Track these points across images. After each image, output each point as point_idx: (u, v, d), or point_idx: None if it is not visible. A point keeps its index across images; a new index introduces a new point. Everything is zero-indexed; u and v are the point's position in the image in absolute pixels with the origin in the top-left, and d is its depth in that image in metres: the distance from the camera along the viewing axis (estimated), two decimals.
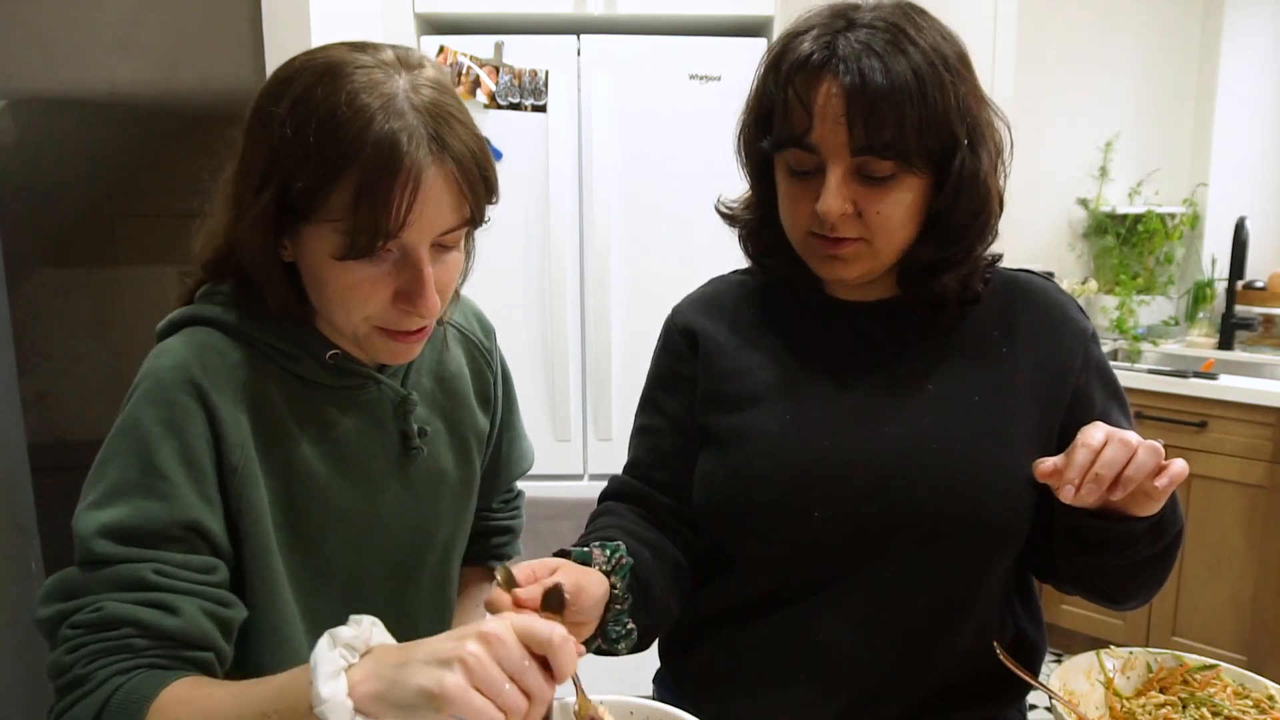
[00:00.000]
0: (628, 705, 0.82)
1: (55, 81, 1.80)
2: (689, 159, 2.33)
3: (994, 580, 0.90)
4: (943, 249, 0.86)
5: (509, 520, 1.15)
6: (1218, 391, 2.47)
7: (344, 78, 0.72)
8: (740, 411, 0.91)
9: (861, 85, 0.77)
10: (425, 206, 0.72)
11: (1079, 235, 3.32)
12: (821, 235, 0.84)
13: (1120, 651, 0.91)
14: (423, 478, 0.92)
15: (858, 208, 0.81)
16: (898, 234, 0.84)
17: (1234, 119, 3.13)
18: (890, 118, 0.78)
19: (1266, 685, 0.84)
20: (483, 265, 0.93)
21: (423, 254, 0.75)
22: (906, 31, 0.80)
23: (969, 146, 0.83)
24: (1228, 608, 2.51)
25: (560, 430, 2.44)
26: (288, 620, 0.82)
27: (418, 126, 0.71)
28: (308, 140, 0.70)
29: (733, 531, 0.91)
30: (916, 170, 0.81)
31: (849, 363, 0.90)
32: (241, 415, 0.78)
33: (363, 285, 0.75)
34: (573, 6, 2.35)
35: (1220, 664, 0.88)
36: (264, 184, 0.73)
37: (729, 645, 0.94)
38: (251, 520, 0.78)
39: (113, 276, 2.67)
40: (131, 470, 0.73)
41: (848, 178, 0.81)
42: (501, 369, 1.08)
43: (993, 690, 0.90)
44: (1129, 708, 0.86)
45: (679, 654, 1.02)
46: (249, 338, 0.81)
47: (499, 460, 1.10)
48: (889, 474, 0.85)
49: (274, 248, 0.77)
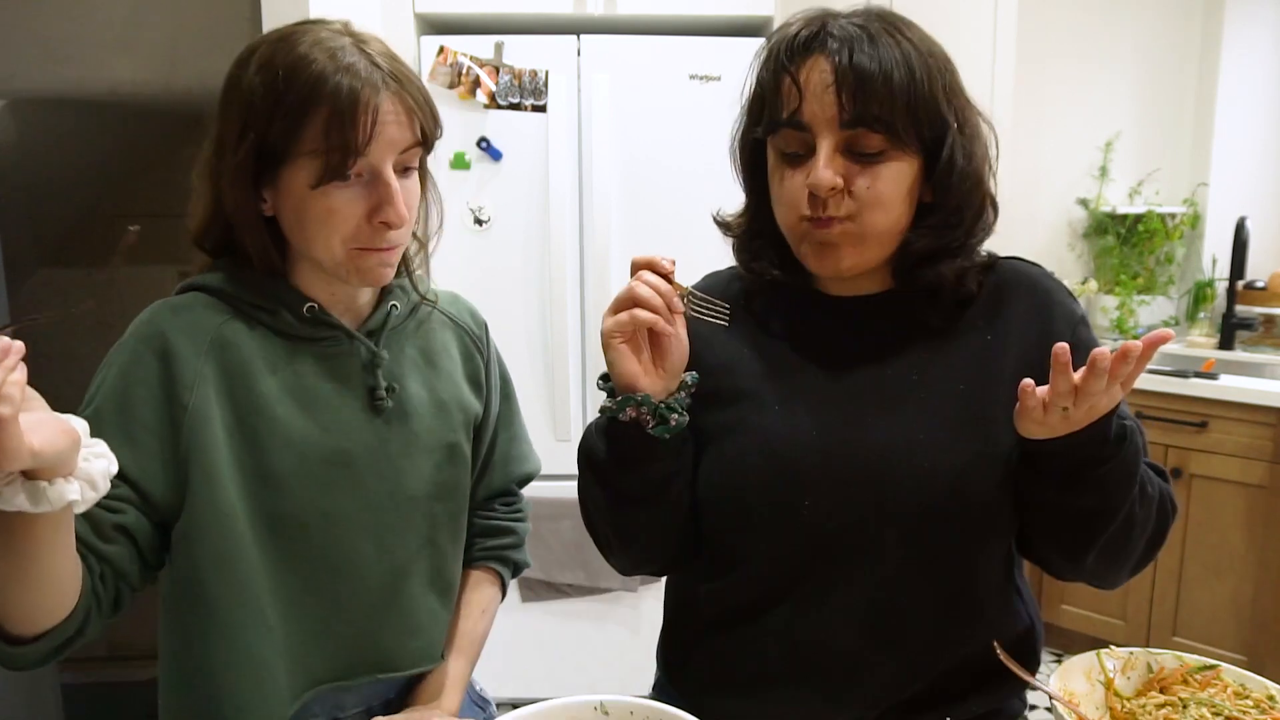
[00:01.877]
0: (628, 705, 0.82)
1: (55, 81, 1.80)
2: (689, 159, 2.33)
3: (990, 569, 0.91)
4: (939, 237, 0.86)
5: (511, 521, 1.15)
6: (1218, 391, 2.47)
7: (298, 37, 0.85)
8: (731, 405, 0.92)
9: (850, 60, 0.79)
10: (385, 126, 0.84)
11: (1079, 235, 3.32)
12: (813, 219, 0.84)
13: (1120, 651, 0.91)
14: (396, 434, 0.96)
15: (848, 184, 0.81)
16: (887, 214, 0.83)
17: (1234, 119, 3.13)
18: (879, 92, 0.79)
19: (1266, 685, 0.84)
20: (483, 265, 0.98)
21: (388, 170, 0.85)
22: (895, 24, 0.83)
23: (959, 131, 0.84)
24: (1228, 608, 2.51)
25: (560, 430, 2.44)
26: (240, 548, 0.88)
27: (367, 64, 0.84)
28: (277, 89, 0.82)
29: (728, 525, 0.92)
30: (907, 149, 0.82)
31: (838, 357, 0.91)
32: (206, 361, 0.87)
33: (340, 208, 0.85)
34: (573, 6, 2.35)
35: (1220, 664, 0.88)
36: (241, 137, 0.84)
37: (729, 646, 0.94)
38: (203, 453, 0.85)
39: (113, 276, 2.67)
40: (89, 405, 0.87)
41: (838, 152, 0.81)
42: (498, 363, 1.12)
43: (994, 681, 0.90)
44: (1129, 708, 0.86)
45: (678, 659, 1.02)
46: (232, 299, 0.91)
47: (496, 455, 1.11)
48: (875, 465, 0.86)
49: (255, 199, 0.87)
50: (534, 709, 0.88)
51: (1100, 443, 0.78)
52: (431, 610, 1.00)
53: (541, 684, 2.53)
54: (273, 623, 0.90)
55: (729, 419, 0.91)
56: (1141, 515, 0.84)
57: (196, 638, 0.88)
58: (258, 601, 0.88)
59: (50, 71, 1.79)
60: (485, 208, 2.37)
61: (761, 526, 0.89)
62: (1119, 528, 0.83)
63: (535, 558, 2.52)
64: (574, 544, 2.44)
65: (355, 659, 0.95)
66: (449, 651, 1.03)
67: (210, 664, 0.88)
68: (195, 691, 0.89)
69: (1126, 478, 0.81)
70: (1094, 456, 0.79)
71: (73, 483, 0.65)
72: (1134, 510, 0.83)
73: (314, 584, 0.92)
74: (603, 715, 0.85)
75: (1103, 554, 0.85)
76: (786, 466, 0.87)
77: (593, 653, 2.53)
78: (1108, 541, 0.84)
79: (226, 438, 0.87)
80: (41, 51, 1.77)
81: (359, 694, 0.98)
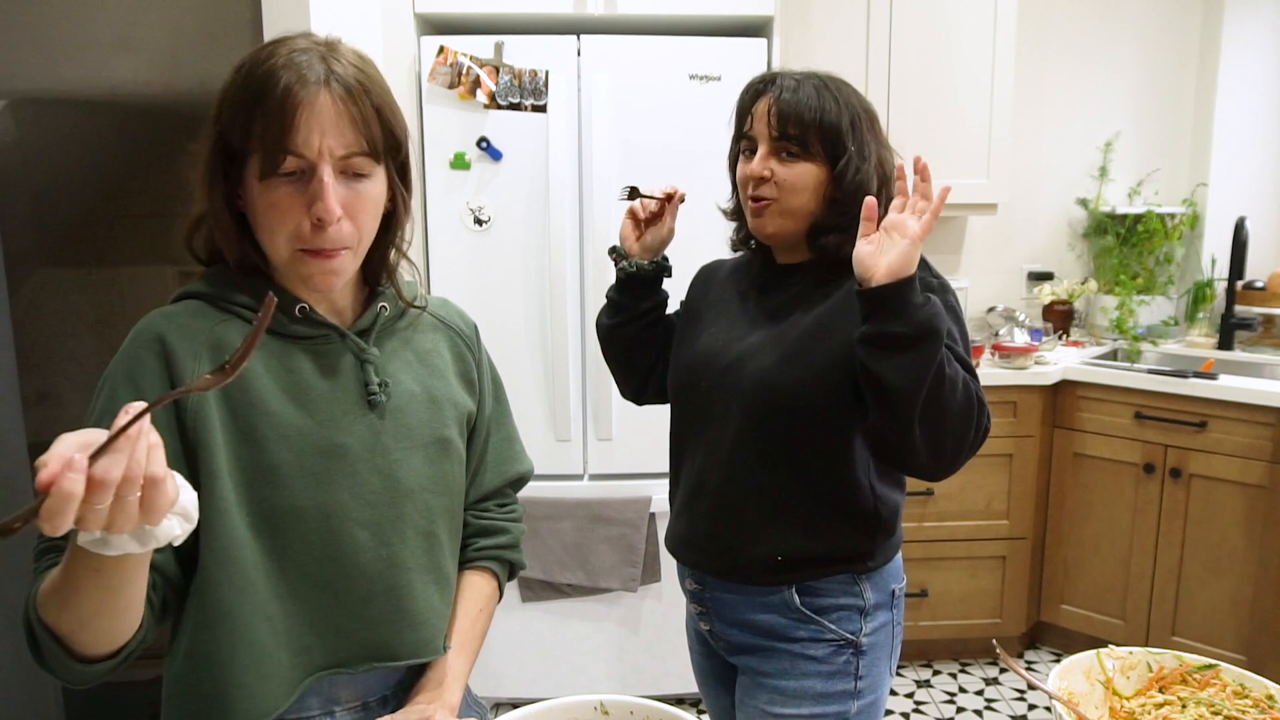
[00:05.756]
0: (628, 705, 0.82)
1: (55, 81, 1.80)
2: (689, 159, 2.33)
3: (824, 454, 1.22)
4: (833, 219, 1.24)
5: (506, 521, 1.15)
6: (1218, 391, 2.47)
7: (277, 44, 0.89)
8: (694, 325, 1.39)
9: (779, 98, 1.23)
10: (320, 123, 0.86)
11: (1079, 235, 3.32)
12: (750, 195, 1.27)
13: (1120, 651, 0.91)
14: (390, 428, 0.98)
15: (774, 175, 1.23)
16: (797, 197, 1.24)
17: (1234, 119, 3.13)
18: (794, 119, 1.22)
19: (1266, 685, 0.84)
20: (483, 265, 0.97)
21: (323, 170, 0.87)
22: (825, 82, 1.24)
23: (856, 153, 1.22)
24: (1228, 608, 2.51)
25: (560, 430, 2.44)
26: (237, 543, 0.90)
27: (322, 69, 0.87)
28: (239, 85, 0.87)
29: (669, 393, 1.41)
30: (814, 158, 1.23)
31: (761, 301, 1.32)
32: (203, 363, 0.90)
33: (281, 202, 0.88)
34: (573, 6, 2.35)
35: (1220, 664, 0.88)
36: (213, 132, 0.89)
37: (674, 497, 1.39)
38: (204, 449, 0.88)
39: (113, 276, 2.67)
40: (95, 414, 0.88)
41: (769, 155, 1.24)
42: (489, 365, 1.15)
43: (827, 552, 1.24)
44: (1129, 708, 0.86)
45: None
46: (222, 302, 0.94)
47: (489, 455, 1.13)
48: (739, 363, 1.25)
49: (223, 194, 0.91)
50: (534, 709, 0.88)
51: (909, 284, 1.05)
52: (430, 602, 1.01)
53: (541, 684, 2.54)
54: (272, 612, 0.92)
55: (690, 332, 1.38)
56: (950, 389, 1.08)
57: (200, 628, 0.90)
58: (258, 592, 0.91)
59: (50, 71, 1.79)
60: (485, 208, 2.37)
61: (677, 399, 1.37)
62: (930, 396, 1.06)
63: (535, 558, 2.52)
64: (574, 544, 2.45)
65: (354, 648, 0.96)
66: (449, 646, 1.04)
67: (214, 653, 0.90)
68: (200, 679, 0.91)
69: (931, 333, 1.04)
70: (907, 298, 1.05)
71: (171, 519, 0.67)
72: (943, 378, 1.06)
73: (312, 574, 0.93)
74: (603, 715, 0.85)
75: (924, 426, 1.08)
76: (690, 362, 1.34)
77: (593, 653, 2.53)
78: (924, 414, 1.07)
79: (224, 435, 0.89)
80: (42, 51, 1.77)
81: (357, 684, 0.99)
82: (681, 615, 1.39)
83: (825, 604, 1.24)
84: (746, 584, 1.27)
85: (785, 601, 1.25)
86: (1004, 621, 2.82)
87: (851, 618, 1.25)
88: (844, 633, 1.24)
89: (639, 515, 2.45)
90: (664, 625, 2.51)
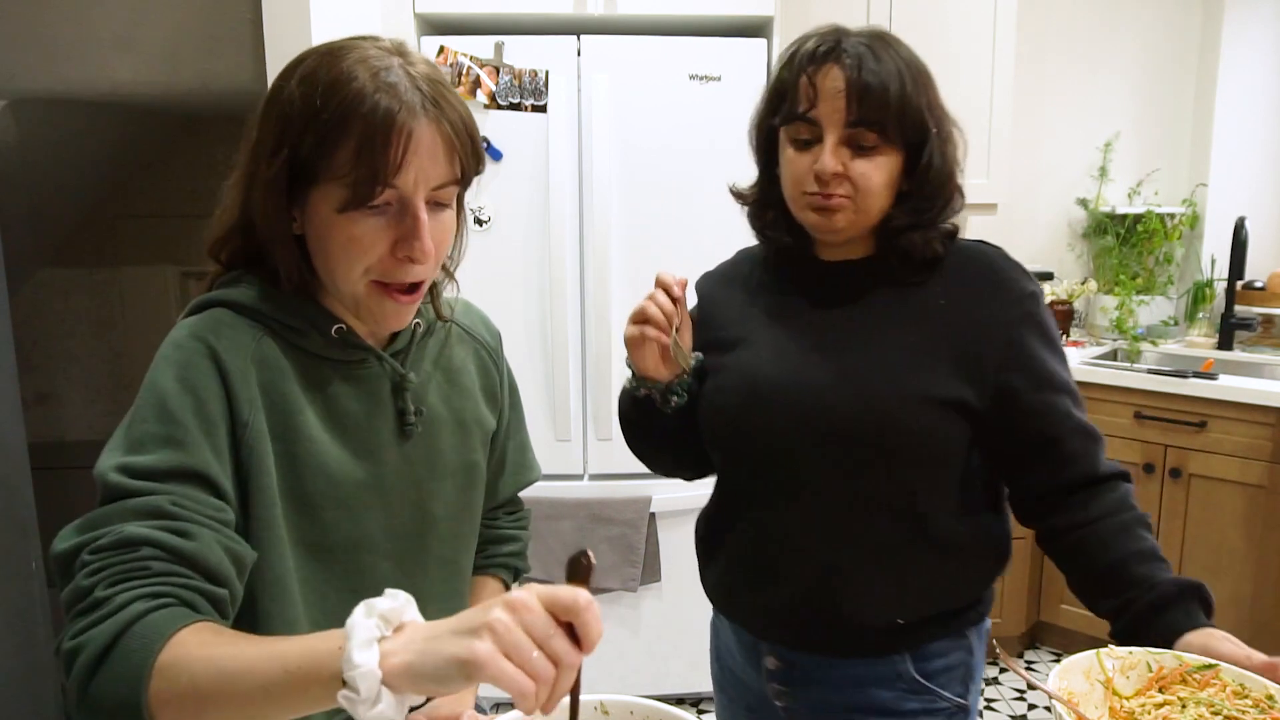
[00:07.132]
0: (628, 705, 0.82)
1: (55, 81, 1.80)
2: (689, 159, 2.33)
3: (932, 495, 1.04)
4: (916, 215, 1.04)
5: (515, 529, 1.16)
6: (1217, 391, 2.47)
7: (346, 53, 0.81)
8: (729, 350, 1.13)
9: (859, 72, 0.98)
10: (419, 156, 0.80)
11: (1079, 235, 3.32)
12: (816, 193, 1.03)
13: (1120, 651, 0.91)
14: (421, 456, 0.95)
15: (847, 170, 1.00)
16: (877, 196, 1.02)
17: (1234, 119, 3.13)
18: (879, 100, 0.98)
19: (1266, 685, 0.84)
20: (483, 265, 0.96)
21: (419, 203, 0.81)
22: (891, 44, 1.02)
23: (938, 136, 1.03)
24: (1228, 608, 2.51)
25: (560, 430, 2.44)
26: (289, 573, 0.84)
27: (411, 89, 0.80)
28: (315, 105, 0.78)
29: (712, 442, 1.15)
30: (894, 146, 1.01)
31: (819, 309, 1.09)
32: (251, 379, 0.83)
33: (364, 236, 0.81)
34: (573, 6, 2.36)
35: (1219, 664, 0.88)
36: (276, 151, 0.80)
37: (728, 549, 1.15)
38: (260, 472, 0.81)
39: (113, 276, 2.67)
40: (149, 423, 0.78)
41: (841, 145, 1.00)
42: (508, 375, 1.11)
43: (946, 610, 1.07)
44: (1129, 708, 0.86)
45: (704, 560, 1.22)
46: (259, 315, 0.86)
47: (505, 464, 1.11)
48: (813, 395, 1.03)
49: (286, 216, 0.83)
50: None
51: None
52: (444, 606, 1.00)
53: None
54: None
55: (724, 360, 1.12)
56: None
57: None
58: (302, 628, 0.85)
59: (51, 71, 1.79)
60: (485, 207, 2.37)
61: (726, 438, 1.12)
62: None
63: (535, 558, 2.52)
64: (574, 544, 2.45)
65: None
66: None
67: None
68: None
69: None
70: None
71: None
72: None
73: (331, 607, 0.89)
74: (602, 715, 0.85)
75: None
76: (749, 393, 1.08)
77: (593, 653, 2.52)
78: None
79: (275, 459, 0.84)
80: (42, 51, 1.77)
81: None
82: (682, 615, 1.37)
83: (937, 667, 1.07)
84: (855, 658, 1.07)
85: (898, 672, 1.06)
86: (1004, 621, 2.82)
87: (959, 678, 1.09)
88: (954, 698, 1.08)
89: (639, 515, 2.45)
90: (664, 625, 2.51)
